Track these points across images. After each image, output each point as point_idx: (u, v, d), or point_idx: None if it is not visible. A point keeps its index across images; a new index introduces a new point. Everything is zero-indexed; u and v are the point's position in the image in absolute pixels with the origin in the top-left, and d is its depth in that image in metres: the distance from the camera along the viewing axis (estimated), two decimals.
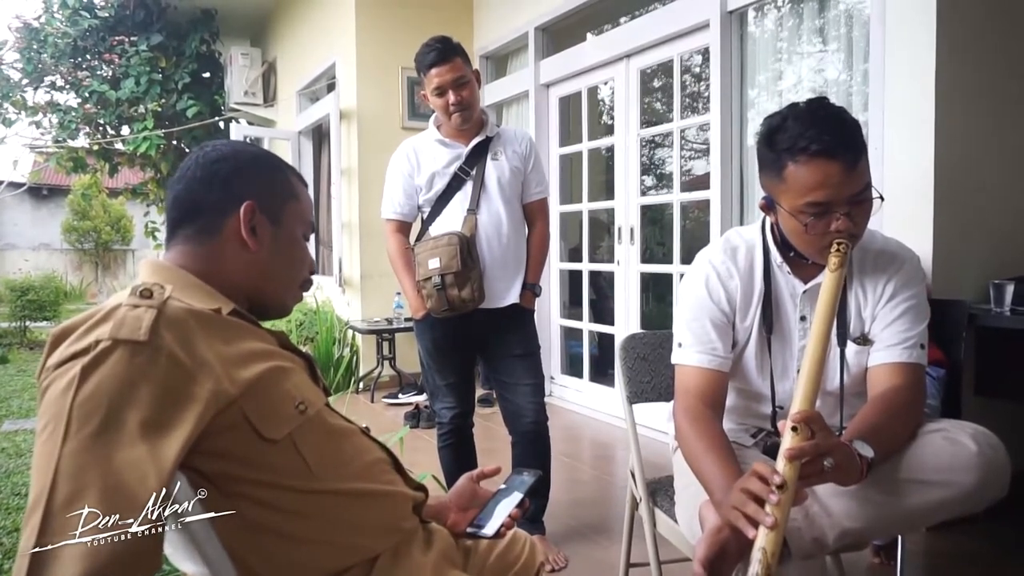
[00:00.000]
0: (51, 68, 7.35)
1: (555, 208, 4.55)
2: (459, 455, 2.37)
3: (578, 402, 4.48)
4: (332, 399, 1.02)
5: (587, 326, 4.52)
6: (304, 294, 1.07)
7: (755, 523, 1.01)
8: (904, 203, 2.46)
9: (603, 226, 5.37)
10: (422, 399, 4.31)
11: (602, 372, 4.56)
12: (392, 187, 2.32)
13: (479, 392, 3.46)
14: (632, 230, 4.01)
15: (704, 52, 3.54)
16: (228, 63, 7.15)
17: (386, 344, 4.93)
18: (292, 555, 0.87)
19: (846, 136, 1.21)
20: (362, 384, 5.04)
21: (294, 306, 1.06)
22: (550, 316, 4.72)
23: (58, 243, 16.78)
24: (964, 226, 2.50)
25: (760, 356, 1.42)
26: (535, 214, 2.36)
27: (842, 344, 1.36)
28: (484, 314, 2.23)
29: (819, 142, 1.19)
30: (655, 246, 5.53)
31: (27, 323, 8.25)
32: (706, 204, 3.43)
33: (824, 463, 1.04)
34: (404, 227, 2.33)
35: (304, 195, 1.04)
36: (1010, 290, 2.23)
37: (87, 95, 7.17)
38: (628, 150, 4.01)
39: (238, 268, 0.96)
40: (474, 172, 2.25)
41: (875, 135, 2.58)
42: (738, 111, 3.29)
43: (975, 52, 2.51)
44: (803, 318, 1.39)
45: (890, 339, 1.33)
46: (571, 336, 4.77)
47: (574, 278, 4.76)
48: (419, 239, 2.30)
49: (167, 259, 0.95)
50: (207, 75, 7.71)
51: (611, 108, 4.52)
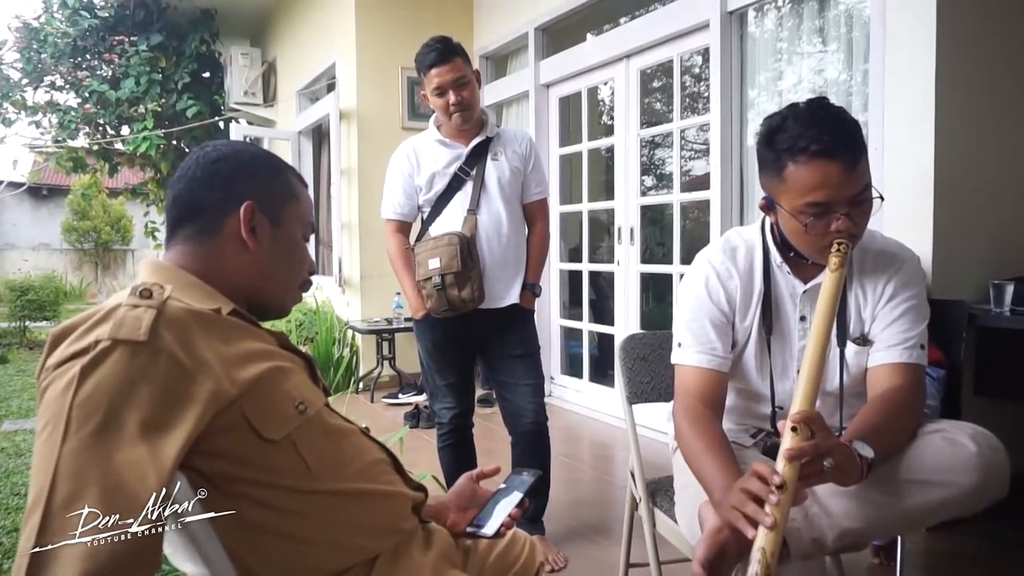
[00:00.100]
0: (51, 68, 7.35)
1: (555, 208, 4.55)
2: (459, 455, 2.37)
3: (578, 402, 4.48)
4: (332, 399, 1.02)
5: (587, 326, 4.52)
6: (304, 294, 1.07)
7: (754, 523, 1.01)
8: (904, 203, 2.46)
9: (603, 226, 5.36)
10: (422, 399, 4.31)
11: (602, 372, 4.55)
12: (392, 187, 2.32)
13: (479, 392, 3.46)
14: (632, 230, 4.01)
15: (704, 52, 3.54)
16: (228, 63, 7.15)
17: (386, 344, 4.94)
18: (292, 555, 0.87)
19: (846, 136, 1.21)
20: (362, 384, 5.04)
21: (293, 307, 1.06)
22: (550, 316, 4.72)
23: (58, 243, 16.78)
24: (964, 226, 2.50)
25: (760, 356, 1.42)
26: (535, 214, 2.36)
27: (842, 344, 1.36)
28: (484, 314, 2.24)
29: (819, 142, 1.19)
30: (655, 246, 5.52)
31: (27, 323, 8.25)
32: (706, 204, 3.43)
33: (824, 463, 1.04)
34: (404, 227, 2.33)
35: (304, 196, 1.05)
36: (1010, 290, 2.23)
37: (87, 95, 7.18)
38: (628, 150, 4.01)
39: (238, 268, 0.96)
40: (474, 172, 2.25)
41: (875, 135, 2.58)
42: (738, 111, 3.29)
43: (975, 52, 2.51)
44: (803, 318, 1.39)
45: (890, 339, 1.33)
46: (571, 336, 4.77)
47: (574, 278, 4.76)
48: (419, 239, 2.30)
49: (167, 259, 0.95)
50: (207, 75, 7.71)
51: (611, 108, 4.51)
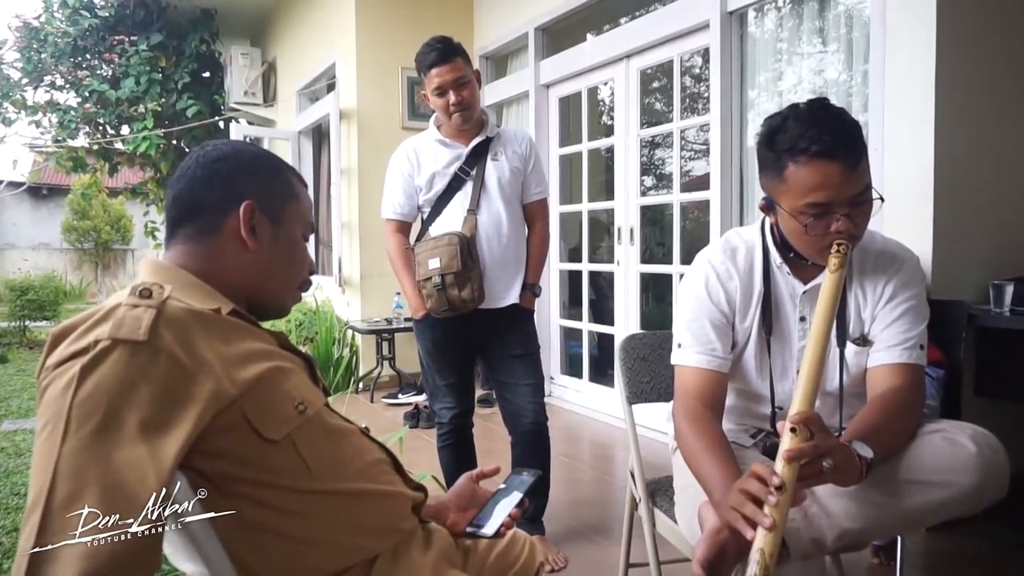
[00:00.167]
0: (51, 67, 7.35)
1: (555, 208, 4.55)
2: (459, 455, 2.37)
3: (578, 402, 4.48)
4: (332, 399, 1.02)
5: (587, 326, 4.52)
6: (303, 294, 1.07)
7: (753, 524, 1.01)
8: (904, 203, 2.46)
9: (603, 226, 5.36)
10: (422, 399, 4.31)
11: (602, 372, 4.55)
12: (392, 187, 2.32)
13: (479, 392, 3.46)
14: (632, 230, 4.01)
15: (704, 52, 3.54)
16: (228, 63, 7.15)
17: (386, 344, 4.93)
18: (291, 555, 0.87)
19: (846, 137, 1.21)
20: (362, 384, 5.04)
21: (292, 306, 1.06)
22: (550, 316, 4.72)
23: (58, 243, 16.78)
24: (964, 226, 2.50)
25: (760, 357, 1.42)
26: (535, 214, 2.36)
27: (841, 345, 1.36)
28: (484, 314, 2.24)
29: (819, 143, 1.19)
30: (655, 246, 5.53)
31: (27, 323, 8.26)
32: (706, 205, 3.43)
33: (823, 464, 1.04)
34: (404, 227, 2.33)
35: (304, 195, 1.05)
36: (1010, 290, 2.24)
37: (87, 94, 7.18)
38: (628, 150, 4.01)
39: (237, 268, 0.96)
40: (474, 172, 2.25)
41: (875, 136, 2.58)
42: (738, 112, 3.29)
43: (975, 52, 2.51)
44: (803, 319, 1.39)
45: (890, 340, 1.33)
46: (571, 336, 4.77)
47: (574, 278, 4.76)
48: (419, 239, 2.30)
49: (167, 259, 0.95)
50: (207, 75, 7.71)
51: (611, 108, 4.52)
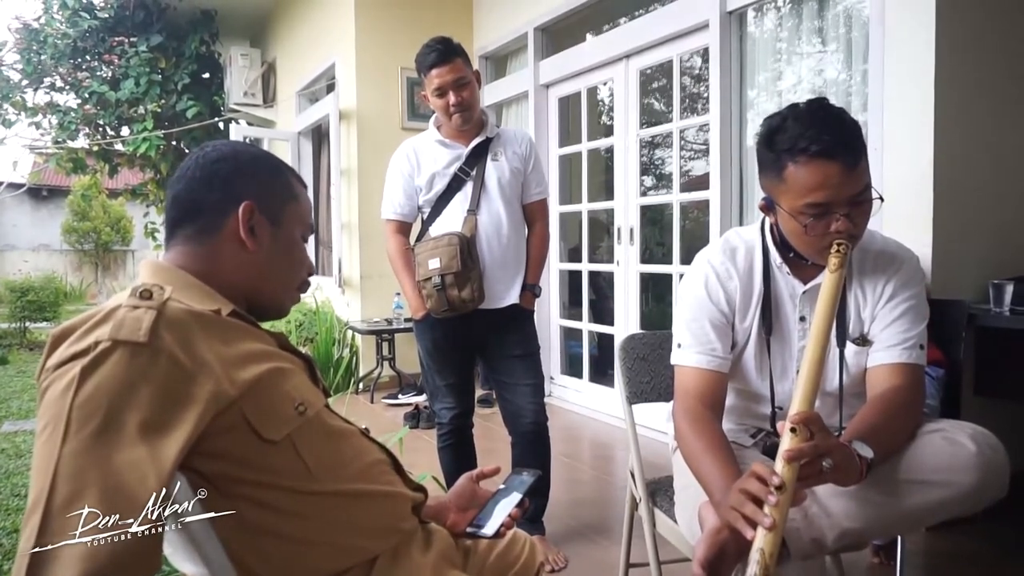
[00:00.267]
0: (51, 69, 7.36)
1: (555, 208, 4.55)
2: (459, 455, 2.37)
3: (578, 402, 4.48)
4: (332, 400, 1.03)
5: (587, 326, 4.52)
6: (303, 295, 1.07)
7: (753, 524, 1.01)
8: (903, 203, 2.46)
9: (602, 226, 5.37)
10: (422, 399, 4.31)
11: (602, 372, 4.56)
12: (392, 188, 2.32)
13: (479, 392, 3.46)
14: (632, 230, 4.01)
15: (703, 52, 3.54)
16: (228, 64, 7.15)
17: (386, 344, 4.93)
18: (291, 556, 0.87)
19: (846, 137, 1.21)
20: (362, 385, 5.04)
21: (291, 307, 1.06)
22: (550, 316, 4.72)
23: (58, 244, 16.78)
24: (963, 226, 2.50)
25: (759, 357, 1.42)
26: (535, 215, 2.36)
27: (841, 345, 1.36)
28: (484, 314, 2.24)
29: (819, 143, 1.19)
30: (655, 246, 5.53)
31: (27, 324, 8.26)
32: (705, 204, 3.43)
33: (823, 464, 1.04)
34: (404, 227, 2.33)
35: (303, 197, 1.05)
36: (1009, 290, 2.24)
37: (87, 96, 7.18)
38: (627, 150, 4.01)
39: (237, 268, 0.96)
40: (474, 173, 2.25)
41: (874, 135, 2.58)
42: (737, 111, 3.30)
43: (974, 52, 2.51)
44: (802, 319, 1.39)
45: (889, 339, 1.33)
46: (571, 336, 4.77)
47: (574, 278, 4.76)
48: (419, 239, 2.30)
49: (166, 260, 0.95)
50: (207, 76, 7.71)
51: (610, 108, 4.52)
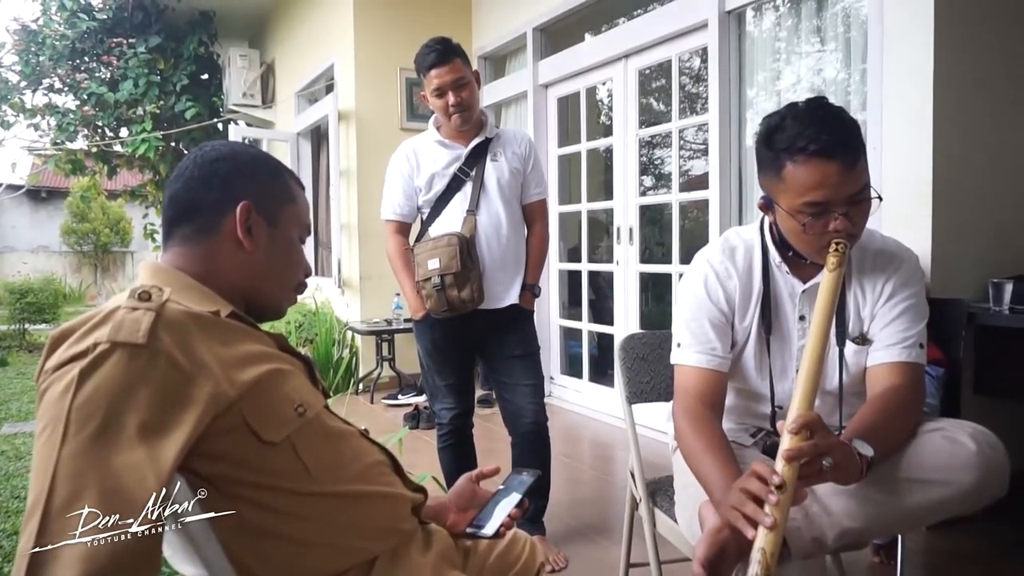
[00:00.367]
0: (49, 70, 7.35)
1: (554, 208, 4.54)
2: (459, 456, 2.37)
3: (578, 402, 4.48)
4: (331, 401, 1.03)
5: (586, 326, 4.52)
6: (300, 296, 1.07)
7: (754, 523, 1.01)
8: (902, 202, 2.46)
9: (602, 226, 5.36)
10: (421, 400, 4.31)
11: (602, 372, 4.56)
12: (391, 188, 2.32)
13: (479, 392, 3.46)
14: (631, 230, 4.01)
15: (702, 52, 3.54)
16: (226, 65, 7.14)
17: (385, 345, 4.93)
18: (291, 557, 0.87)
19: (845, 136, 1.21)
20: (361, 385, 5.03)
21: (288, 308, 1.06)
22: (549, 316, 4.72)
23: (57, 245, 16.76)
24: (962, 225, 2.50)
25: (759, 356, 1.42)
26: (534, 215, 2.36)
27: (841, 344, 1.36)
28: (483, 315, 2.23)
29: (817, 142, 1.19)
30: (654, 246, 5.53)
31: (26, 325, 8.25)
32: (705, 204, 3.43)
33: (823, 463, 1.04)
34: (404, 228, 2.33)
35: (301, 198, 1.05)
36: (1009, 289, 2.23)
37: (85, 97, 7.17)
38: (627, 150, 4.01)
39: (234, 268, 0.96)
40: (473, 173, 2.25)
41: (873, 135, 2.58)
42: (736, 111, 3.30)
43: (972, 52, 2.51)
44: (802, 318, 1.39)
45: (889, 338, 1.33)
46: (570, 336, 4.77)
47: (573, 278, 4.76)
48: (419, 240, 2.30)
49: (165, 261, 0.95)
50: (205, 77, 7.71)
51: (610, 108, 4.52)
